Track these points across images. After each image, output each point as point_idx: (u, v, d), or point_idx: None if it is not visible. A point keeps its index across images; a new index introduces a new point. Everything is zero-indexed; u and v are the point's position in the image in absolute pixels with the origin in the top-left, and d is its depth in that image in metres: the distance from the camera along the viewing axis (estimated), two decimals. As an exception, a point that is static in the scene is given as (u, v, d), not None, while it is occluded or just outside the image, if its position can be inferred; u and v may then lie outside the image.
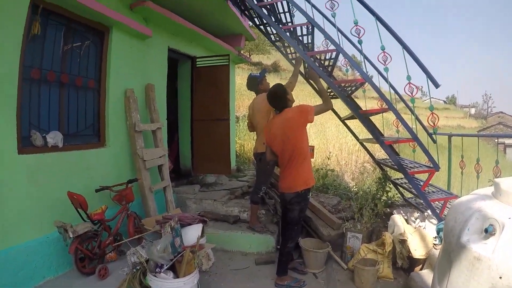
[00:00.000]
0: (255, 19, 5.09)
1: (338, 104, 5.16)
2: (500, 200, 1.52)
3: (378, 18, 3.32)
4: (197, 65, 6.11)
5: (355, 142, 11.03)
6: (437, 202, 3.73)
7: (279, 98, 3.13)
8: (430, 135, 3.83)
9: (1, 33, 2.82)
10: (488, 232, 1.37)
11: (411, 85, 3.25)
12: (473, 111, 42.52)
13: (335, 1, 3.56)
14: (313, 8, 3.94)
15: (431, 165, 3.47)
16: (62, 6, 3.44)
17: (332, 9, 3.58)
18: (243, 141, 10.44)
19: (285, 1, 4.19)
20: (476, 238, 1.44)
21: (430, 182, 3.62)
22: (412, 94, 3.30)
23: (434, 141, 3.65)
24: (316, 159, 9.31)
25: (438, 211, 3.46)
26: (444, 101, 45.83)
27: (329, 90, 4.33)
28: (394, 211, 4.27)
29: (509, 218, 1.34)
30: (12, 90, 2.93)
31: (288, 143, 3.04)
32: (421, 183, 3.66)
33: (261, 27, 5.13)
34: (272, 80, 7.49)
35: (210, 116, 5.88)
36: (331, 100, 3.36)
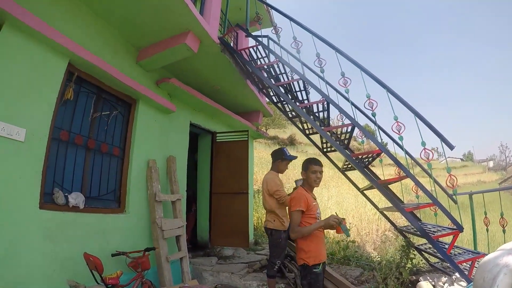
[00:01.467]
0: (273, 97, 5.48)
1: (355, 174, 5.19)
2: None
3: (389, 90, 3.55)
4: (217, 140, 6.44)
5: (374, 211, 10.72)
6: (464, 264, 3.56)
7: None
8: (450, 196, 3.85)
9: (38, 94, 3.07)
10: None
11: (426, 150, 3.32)
12: (491, 164, 40.80)
13: (348, 78, 3.87)
14: (327, 85, 4.26)
15: (455, 227, 3.40)
16: (95, 76, 3.83)
17: (346, 85, 3.88)
18: (261, 214, 10.33)
19: (301, 80, 4.57)
20: None
21: (455, 244, 3.47)
22: (428, 159, 3.35)
23: (455, 202, 3.62)
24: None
25: (467, 273, 3.29)
26: (461, 159, 44.93)
27: (346, 163, 4.43)
28: (421, 278, 4.06)
29: None
30: (41, 146, 3.09)
31: None
32: (446, 246, 3.53)
33: (279, 104, 5.50)
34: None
35: (228, 190, 6.00)
36: (348, 171, 3.37)
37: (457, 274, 3.44)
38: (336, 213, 3.06)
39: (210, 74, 5.52)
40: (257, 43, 4.76)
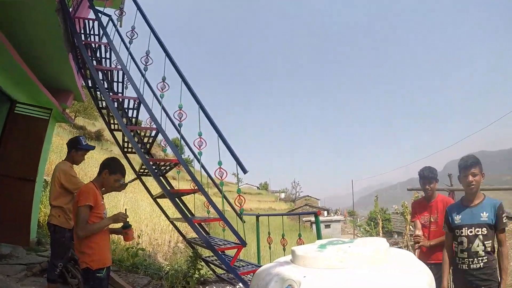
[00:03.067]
0: (89, 81, 4.90)
1: (154, 183, 5.15)
2: (297, 263, 1.70)
3: (202, 108, 3.70)
4: (15, 111, 5.14)
5: (169, 222, 10.91)
6: (248, 275, 3.92)
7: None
8: (238, 215, 4.22)
9: None
10: None
11: (221, 169, 3.60)
12: (283, 195, 48.72)
13: (167, 83, 3.84)
14: (146, 84, 4.10)
15: (239, 242, 3.69)
16: None
17: (162, 90, 3.83)
18: (49, 209, 8.83)
19: (122, 72, 4.25)
20: None
21: (241, 258, 3.81)
22: (221, 177, 3.64)
23: (243, 221, 4.03)
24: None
25: (249, 283, 3.64)
26: (257, 187, 51.43)
27: (143, 167, 4.32)
28: (207, 287, 4.33)
29: (304, 277, 1.48)
30: None
31: None
32: (231, 259, 3.82)
33: (92, 90, 4.95)
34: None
35: (14, 173, 4.86)
36: (145, 177, 3.27)
37: (240, 284, 3.71)
38: (126, 210, 2.92)
39: (34, 32, 4.40)
40: (95, 18, 4.23)
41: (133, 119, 4.66)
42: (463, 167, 2.66)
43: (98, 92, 4.88)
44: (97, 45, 4.62)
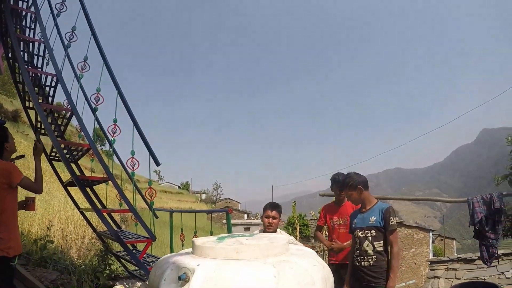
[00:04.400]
0: (10, 50, 4.50)
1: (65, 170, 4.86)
2: (196, 254, 1.76)
3: (120, 93, 3.57)
4: None
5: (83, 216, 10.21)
6: None
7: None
8: (151, 209, 4.13)
9: None
10: (181, 279, 1.50)
11: (133, 159, 3.52)
12: (204, 196, 48.19)
13: (88, 64, 3.69)
14: (68, 61, 3.84)
15: (149, 236, 3.58)
16: None
17: (82, 70, 3.67)
18: None
19: (44, 45, 3.98)
20: (173, 287, 1.54)
21: (153, 254, 3.69)
22: (133, 168, 3.55)
23: (155, 215, 3.97)
24: (37, 231, 8.03)
25: None
26: (179, 186, 50.54)
27: (54, 151, 4.11)
28: (117, 283, 4.22)
29: (198, 265, 1.53)
30: None
31: None
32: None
33: (11, 61, 4.56)
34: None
35: None
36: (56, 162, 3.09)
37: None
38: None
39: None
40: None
41: (50, 98, 4.37)
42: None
43: (17, 64, 4.50)
44: (24, 12, 4.28)
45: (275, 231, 3.21)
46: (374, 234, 2.83)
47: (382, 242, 2.83)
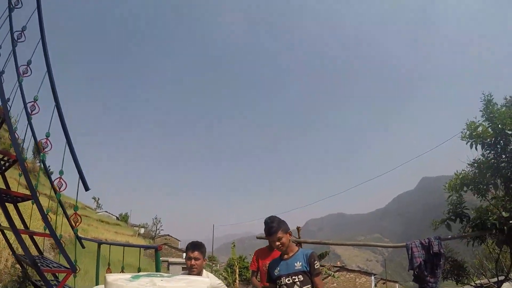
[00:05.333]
0: None
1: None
2: None
3: (57, 106, 3.29)
4: None
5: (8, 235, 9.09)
6: None
7: None
8: (78, 238, 3.77)
9: None
10: None
11: (61, 179, 3.18)
12: (142, 230, 45.69)
13: (30, 68, 3.39)
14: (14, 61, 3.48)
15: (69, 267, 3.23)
16: None
17: (23, 74, 3.35)
18: None
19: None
20: None
21: (75, 287, 3.47)
22: (59, 189, 3.20)
23: (82, 246, 3.66)
24: None
25: None
26: (117, 217, 47.59)
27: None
28: None
29: None
30: None
31: None
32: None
33: None
34: None
35: None
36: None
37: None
38: None
39: None
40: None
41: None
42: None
43: None
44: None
45: (199, 273, 3.04)
46: (302, 279, 2.82)
47: (310, 286, 2.82)
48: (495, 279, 4.83)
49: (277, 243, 3.00)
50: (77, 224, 3.39)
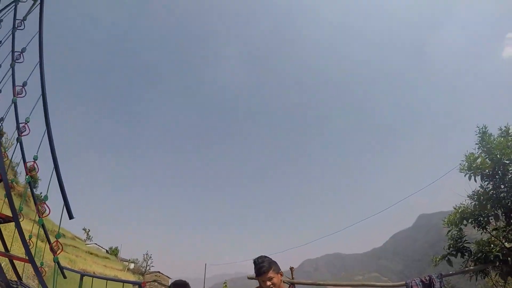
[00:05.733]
0: None
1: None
2: None
3: (48, 131, 3.23)
4: None
5: None
6: None
7: None
8: (61, 269, 3.58)
9: None
10: None
11: (44, 205, 3.04)
12: (132, 266, 44.04)
13: (25, 89, 3.36)
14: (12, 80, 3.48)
15: None
16: None
17: (18, 94, 3.31)
18: None
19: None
20: None
21: None
22: (42, 214, 3.06)
23: (64, 276, 3.48)
24: None
25: None
26: (107, 250, 45.92)
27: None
28: None
29: None
30: None
31: None
32: None
33: None
34: None
35: None
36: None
37: None
38: None
39: None
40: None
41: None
42: (258, 275, 2.79)
43: None
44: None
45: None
46: None
47: None
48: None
49: (268, 283, 2.85)
50: (58, 252, 3.21)
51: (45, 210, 3.06)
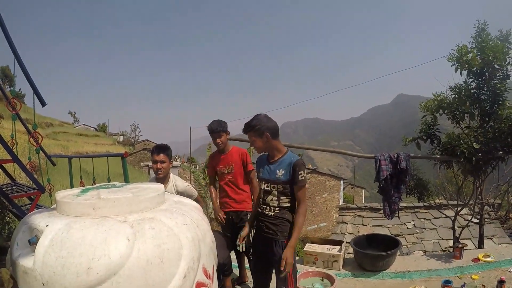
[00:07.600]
0: None
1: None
2: (58, 210, 1.49)
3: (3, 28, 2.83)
4: None
5: None
6: None
7: None
8: (48, 158, 3.76)
9: None
10: (31, 243, 1.29)
11: (14, 100, 2.90)
12: (121, 138, 45.90)
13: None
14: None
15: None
16: None
17: None
18: None
19: None
20: (26, 252, 1.32)
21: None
22: (14, 110, 2.95)
23: (53, 163, 3.70)
24: None
25: None
26: (95, 128, 46.41)
27: None
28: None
29: (47, 226, 1.30)
30: None
31: None
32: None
33: None
34: None
35: None
36: None
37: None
38: None
39: None
40: None
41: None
42: (245, 131, 2.63)
43: None
44: None
45: (166, 176, 3.04)
46: (281, 189, 2.51)
47: (288, 198, 2.53)
48: (455, 202, 5.10)
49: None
50: (39, 142, 3.25)
51: (16, 105, 2.94)
